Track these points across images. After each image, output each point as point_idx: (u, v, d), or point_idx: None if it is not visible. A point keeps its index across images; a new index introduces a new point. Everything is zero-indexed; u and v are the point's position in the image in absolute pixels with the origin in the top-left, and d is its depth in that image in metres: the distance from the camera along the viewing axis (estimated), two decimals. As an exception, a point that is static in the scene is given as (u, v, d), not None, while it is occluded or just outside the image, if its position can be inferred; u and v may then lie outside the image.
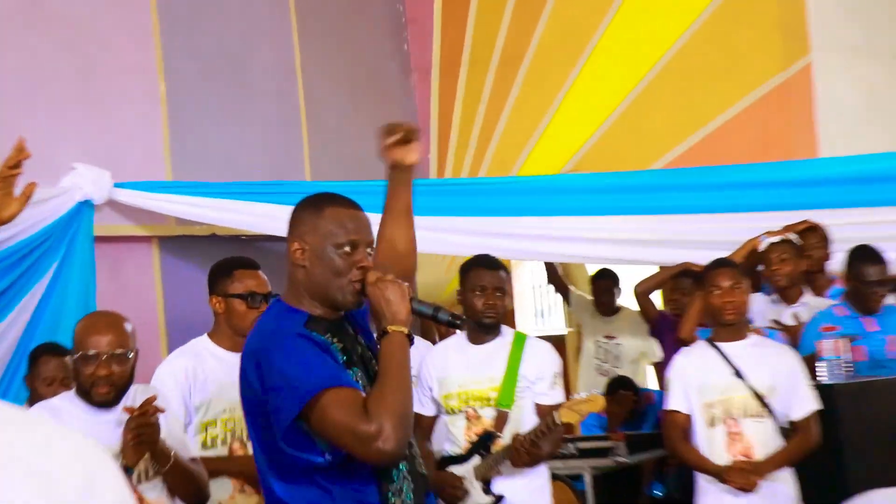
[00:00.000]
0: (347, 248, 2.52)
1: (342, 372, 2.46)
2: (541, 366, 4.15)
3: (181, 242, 5.92)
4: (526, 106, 7.51)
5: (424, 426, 4.20)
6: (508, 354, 4.16)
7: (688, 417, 4.24)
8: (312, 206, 2.58)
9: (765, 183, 5.61)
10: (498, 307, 4.11)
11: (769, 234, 5.18)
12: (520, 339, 4.22)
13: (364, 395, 2.44)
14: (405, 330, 2.50)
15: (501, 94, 7.55)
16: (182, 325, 5.48)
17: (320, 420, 2.40)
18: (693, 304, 4.87)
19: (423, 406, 4.18)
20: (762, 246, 5.18)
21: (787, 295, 5.21)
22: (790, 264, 5.14)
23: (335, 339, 2.54)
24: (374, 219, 2.72)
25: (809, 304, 5.19)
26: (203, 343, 3.88)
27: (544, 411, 4.06)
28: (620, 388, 6.19)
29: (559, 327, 8.03)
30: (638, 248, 5.68)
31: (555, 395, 4.14)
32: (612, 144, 7.24)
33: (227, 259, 3.99)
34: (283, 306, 2.61)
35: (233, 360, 3.32)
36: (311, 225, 2.55)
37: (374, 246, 2.65)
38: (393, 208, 2.79)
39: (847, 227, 5.36)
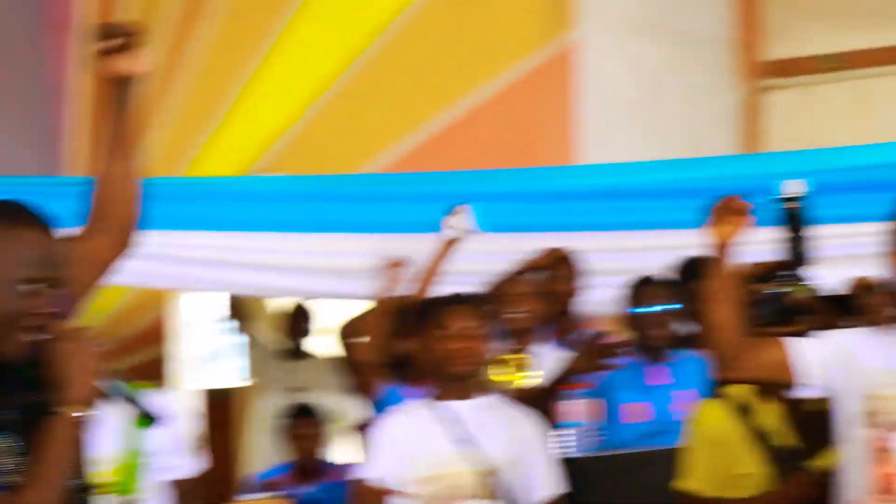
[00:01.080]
0: (33, 287, 2.39)
1: None
2: (165, 430, 3.99)
3: None
4: (203, 83, 7.43)
5: None
6: (125, 422, 3.98)
7: (385, 494, 4.10)
8: None
9: (509, 194, 5.62)
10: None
11: None
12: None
13: None
14: (77, 413, 2.35)
15: (171, 65, 7.38)
16: None
17: None
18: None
19: None
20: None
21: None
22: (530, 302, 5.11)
23: None
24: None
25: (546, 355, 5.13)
26: None
27: (184, 491, 3.94)
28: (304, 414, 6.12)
29: (234, 378, 7.89)
30: (341, 278, 5.68)
31: (193, 465, 4.05)
32: (315, 139, 7.25)
33: None
34: None
35: None
36: None
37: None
38: (117, 137, 2.74)
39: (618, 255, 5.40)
